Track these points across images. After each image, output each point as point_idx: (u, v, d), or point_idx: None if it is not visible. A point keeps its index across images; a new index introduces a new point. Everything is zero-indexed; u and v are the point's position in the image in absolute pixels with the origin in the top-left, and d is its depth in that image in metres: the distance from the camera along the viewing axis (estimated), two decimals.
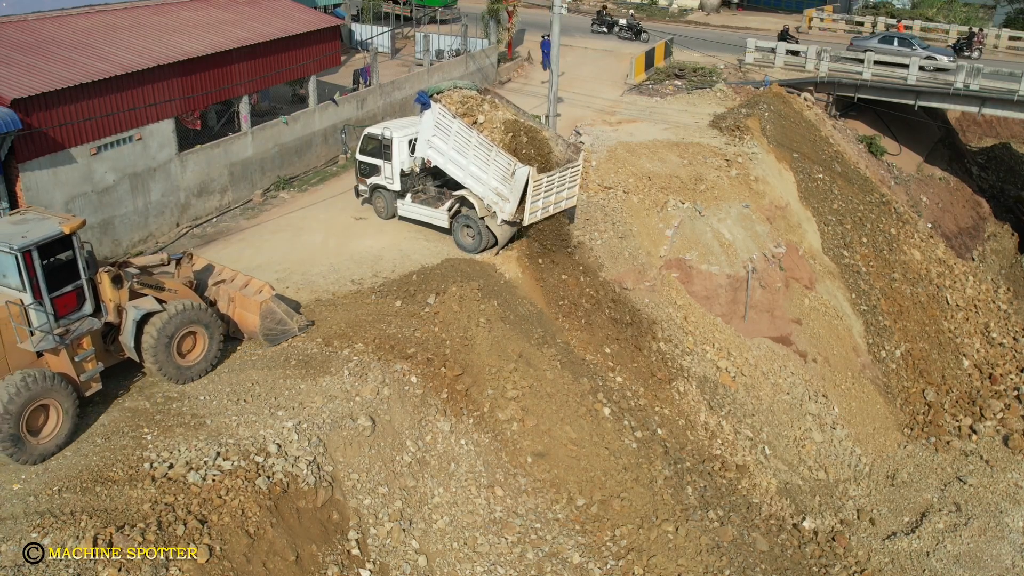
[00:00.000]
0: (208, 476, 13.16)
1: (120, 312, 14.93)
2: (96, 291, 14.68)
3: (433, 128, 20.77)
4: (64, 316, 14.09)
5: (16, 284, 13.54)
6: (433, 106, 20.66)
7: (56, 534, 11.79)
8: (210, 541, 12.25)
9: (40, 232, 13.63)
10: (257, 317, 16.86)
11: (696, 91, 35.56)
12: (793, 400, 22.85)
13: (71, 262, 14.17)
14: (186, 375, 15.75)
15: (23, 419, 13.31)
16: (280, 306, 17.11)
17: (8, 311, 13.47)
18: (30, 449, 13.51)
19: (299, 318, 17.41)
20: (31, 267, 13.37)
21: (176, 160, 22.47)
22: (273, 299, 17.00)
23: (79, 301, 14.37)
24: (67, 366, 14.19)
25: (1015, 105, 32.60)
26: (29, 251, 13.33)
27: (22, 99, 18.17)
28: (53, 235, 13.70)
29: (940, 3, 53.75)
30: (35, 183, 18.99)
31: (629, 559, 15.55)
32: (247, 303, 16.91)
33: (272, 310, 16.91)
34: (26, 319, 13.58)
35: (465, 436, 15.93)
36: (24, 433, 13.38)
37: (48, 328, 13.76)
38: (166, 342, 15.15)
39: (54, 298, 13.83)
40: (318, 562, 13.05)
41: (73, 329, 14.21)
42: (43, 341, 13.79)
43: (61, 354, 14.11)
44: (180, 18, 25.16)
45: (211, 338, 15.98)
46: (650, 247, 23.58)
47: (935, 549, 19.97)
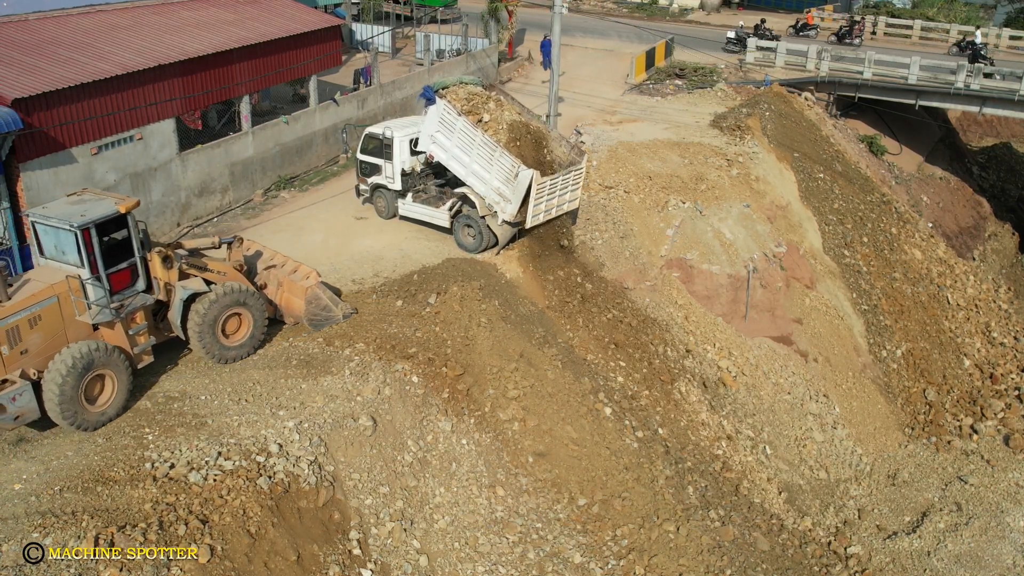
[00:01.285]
0: (209, 476, 13.16)
1: (169, 291, 15.68)
2: (148, 269, 15.41)
3: (437, 124, 20.67)
4: (119, 292, 14.93)
5: (75, 260, 14.37)
6: (438, 102, 20.54)
7: (57, 534, 11.79)
8: (211, 541, 12.25)
9: (98, 211, 14.42)
10: (303, 302, 17.40)
11: (697, 91, 35.54)
12: (794, 400, 22.84)
13: (126, 240, 15.02)
14: (229, 355, 16.38)
15: (81, 387, 14.09)
16: (326, 293, 17.64)
17: (68, 285, 14.19)
18: (87, 416, 14.31)
19: (343, 305, 17.87)
20: (89, 244, 14.18)
21: (177, 160, 22.47)
22: (319, 285, 17.57)
23: (133, 278, 15.20)
24: (121, 339, 15.01)
25: (1016, 105, 32.58)
26: (88, 229, 14.11)
27: (23, 99, 18.17)
28: (110, 214, 14.51)
29: (940, 3, 53.68)
30: (36, 183, 18.99)
31: (630, 559, 15.56)
32: (294, 288, 17.50)
33: (318, 296, 17.46)
34: (84, 293, 14.35)
35: (466, 436, 15.93)
36: (82, 401, 14.15)
37: (104, 302, 14.58)
38: (211, 322, 15.82)
39: (110, 274, 14.65)
40: (319, 562, 13.06)
41: (127, 304, 15.04)
42: (99, 314, 14.59)
43: (116, 327, 14.94)
44: (180, 18, 25.15)
45: (255, 321, 16.62)
46: (651, 247, 23.58)
47: (936, 549, 19.94)
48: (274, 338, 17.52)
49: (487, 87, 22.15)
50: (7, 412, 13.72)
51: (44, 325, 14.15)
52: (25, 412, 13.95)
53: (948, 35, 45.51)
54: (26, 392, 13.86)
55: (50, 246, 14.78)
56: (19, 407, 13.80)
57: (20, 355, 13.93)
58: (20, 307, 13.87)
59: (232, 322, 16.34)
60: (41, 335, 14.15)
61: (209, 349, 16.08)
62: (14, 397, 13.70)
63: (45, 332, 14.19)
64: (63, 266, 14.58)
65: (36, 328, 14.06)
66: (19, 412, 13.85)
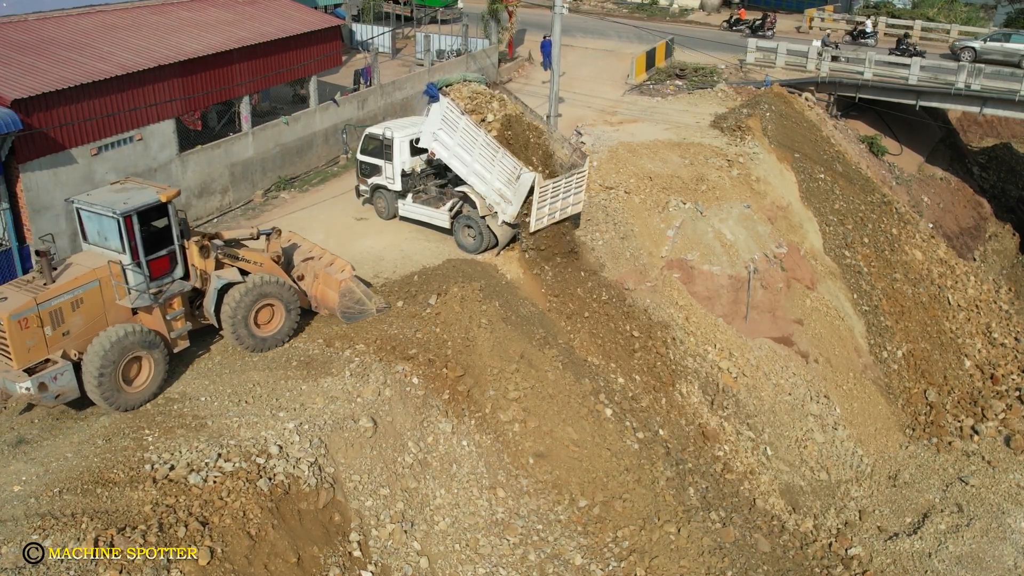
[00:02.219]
0: (209, 477, 13.13)
1: (205, 279, 16.22)
2: (187, 257, 15.96)
3: (440, 122, 20.54)
4: (158, 278, 15.46)
5: (116, 246, 14.92)
6: (441, 100, 20.39)
7: (57, 536, 11.75)
8: (211, 543, 12.23)
9: (140, 199, 14.93)
10: (337, 295, 17.71)
11: (697, 91, 35.51)
12: (795, 401, 22.81)
13: (166, 228, 15.58)
14: (260, 344, 16.78)
15: (119, 369, 14.67)
16: (359, 286, 17.91)
17: (109, 270, 14.78)
18: (124, 397, 14.89)
19: (376, 299, 18.09)
20: (131, 231, 14.71)
21: (177, 160, 22.44)
22: (352, 279, 17.82)
23: (172, 265, 15.74)
24: (159, 323, 15.59)
25: (1016, 105, 32.54)
26: (130, 216, 14.64)
27: (22, 99, 18.14)
28: (151, 203, 15.00)
29: (941, 3, 53.67)
30: (36, 183, 18.96)
31: (631, 560, 15.52)
32: (329, 281, 17.79)
33: (351, 289, 17.71)
34: (124, 278, 14.90)
35: (467, 437, 15.90)
36: (119, 382, 14.72)
37: (143, 287, 15.10)
38: (244, 312, 16.27)
39: (150, 260, 15.18)
40: (320, 564, 13.03)
41: (165, 290, 15.58)
42: (138, 299, 15.14)
43: (154, 312, 15.51)
44: (180, 18, 25.12)
45: (288, 312, 16.99)
46: (651, 247, 23.54)
47: (937, 550, 19.92)
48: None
49: (490, 85, 22.04)
50: (48, 391, 14.23)
51: (86, 308, 14.69)
52: (65, 391, 14.47)
53: (948, 35, 45.49)
54: (67, 372, 14.40)
55: (93, 232, 15.31)
56: (60, 386, 14.36)
57: (62, 336, 14.48)
58: (63, 290, 14.41)
59: (265, 312, 16.78)
60: (82, 317, 14.70)
61: (241, 338, 16.55)
62: (55, 376, 14.26)
63: (86, 315, 14.73)
64: (105, 251, 15.15)
65: (78, 311, 14.60)
66: (59, 391, 14.39)
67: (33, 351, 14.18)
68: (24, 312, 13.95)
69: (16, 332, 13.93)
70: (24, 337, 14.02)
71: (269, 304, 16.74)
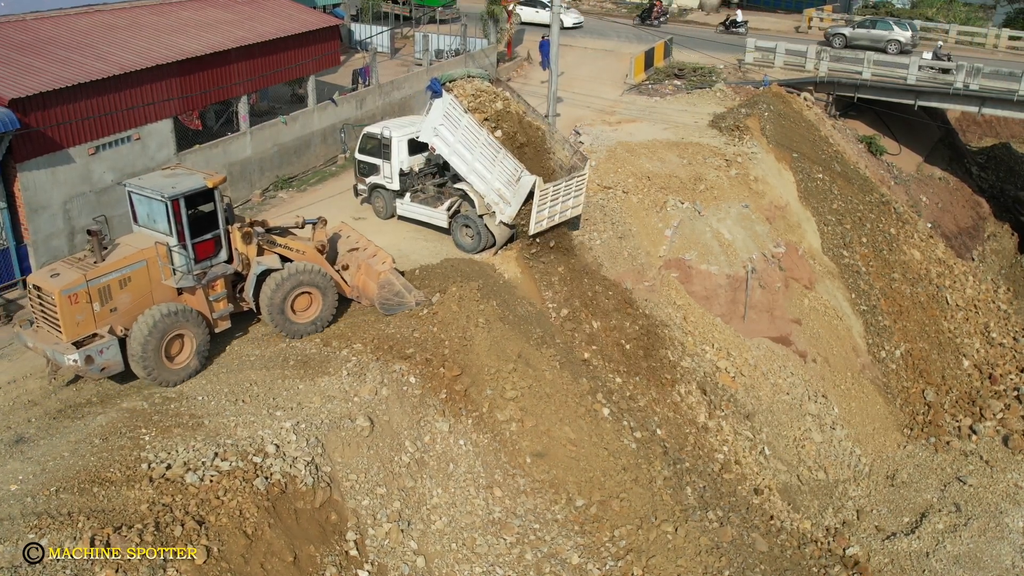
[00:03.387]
0: (206, 477, 13.11)
1: (247, 264, 16.77)
2: (230, 242, 16.55)
3: (441, 118, 20.39)
4: (202, 260, 16.06)
5: (164, 229, 15.57)
6: (444, 96, 20.26)
7: (53, 535, 11.74)
8: (208, 542, 12.21)
9: (188, 184, 15.58)
10: (376, 286, 17.98)
11: (696, 91, 35.51)
12: (793, 400, 22.81)
13: (212, 213, 16.17)
14: (296, 331, 17.22)
15: (162, 345, 15.34)
16: (399, 279, 18.13)
17: (157, 251, 15.41)
18: (165, 372, 15.58)
19: (417, 293, 18.20)
20: (178, 214, 15.34)
21: (175, 160, 22.40)
22: (392, 271, 18.07)
23: (216, 248, 16.34)
24: (202, 304, 16.22)
25: (1015, 105, 32.55)
26: (177, 200, 15.28)
27: (20, 99, 18.17)
28: (198, 188, 15.64)
29: (940, 3, 53.68)
30: (33, 183, 18.97)
31: (628, 560, 15.51)
32: (371, 272, 18.10)
33: (390, 281, 17.94)
34: (170, 259, 15.55)
35: (464, 436, 15.89)
36: (162, 358, 15.39)
37: (188, 269, 15.72)
38: (281, 298, 16.76)
39: (195, 243, 15.80)
40: (316, 563, 13.01)
41: (209, 272, 16.17)
42: (183, 280, 15.77)
43: (197, 293, 16.13)
44: (178, 18, 25.12)
45: (325, 300, 17.39)
46: (649, 247, 23.54)
47: (935, 549, 19.93)
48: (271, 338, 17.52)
49: (493, 82, 21.97)
50: (94, 363, 14.88)
51: (133, 286, 15.33)
52: (110, 364, 15.13)
53: (947, 35, 45.48)
54: (112, 346, 15.05)
55: (143, 214, 15.98)
56: (105, 359, 15.01)
57: (110, 312, 15.14)
58: (112, 268, 15.07)
59: (302, 300, 17.18)
60: (130, 295, 15.35)
61: (278, 323, 17.02)
62: (101, 350, 14.90)
63: (133, 293, 15.38)
64: (153, 233, 15.82)
65: (125, 289, 15.27)
66: (105, 364, 15.05)
67: (82, 325, 14.87)
68: (75, 288, 14.63)
69: (66, 306, 14.57)
70: (74, 311, 14.68)
71: (307, 292, 17.17)
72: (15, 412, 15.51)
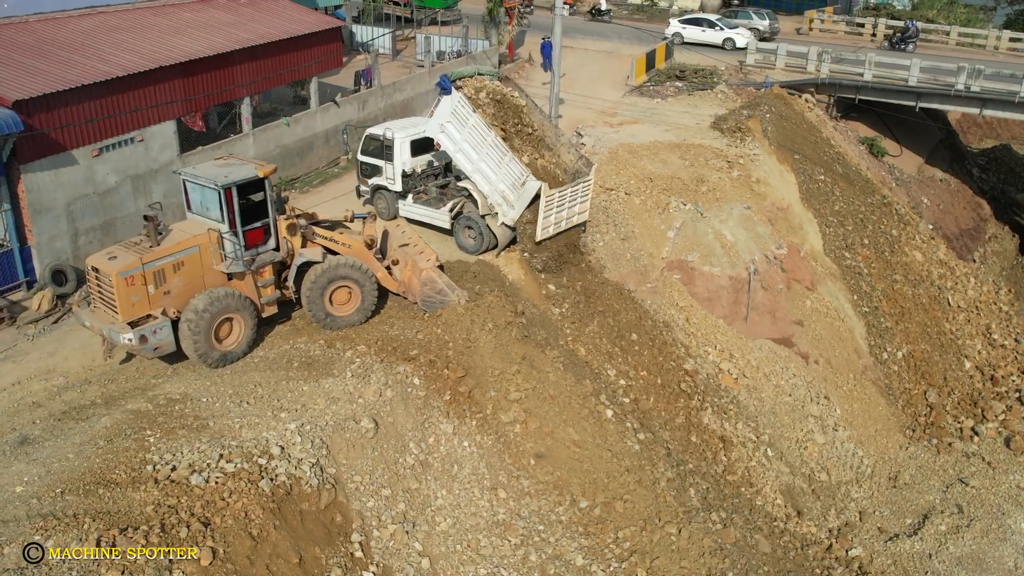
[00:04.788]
0: (211, 478, 13.11)
1: (292, 255, 17.38)
2: (278, 231, 17.17)
3: (449, 115, 20.33)
4: (252, 247, 16.71)
5: (216, 216, 16.24)
6: (453, 93, 20.20)
7: (59, 536, 11.72)
8: (213, 543, 12.20)
9: (240, 174, 16.22)
10: (419, 283, 18.28)
11: (697, 92, 35.53)
12: (795, 402, 22.83)
13: (262, 203, 16.78)
14: (334, 323, 17.64)
15: (212, 327, 16.05)
16: (442, 277, 18.35)
17: (209, 238, 16.09)
18: (215, 353, 16.28)
19: (460, 292, 18.30)
20: (230, 202, 15.99)
21: (178, 162, 22.42)
22: (435, 270, 18.33)
23: (265, 236, 17.00)
24: (250, 289, 16.93)
25: (1016, 106, 32.61)
26: (230, 189, 15.93)
27: (24, 100, 18.21)
28: (250, 177, 16.28)
29: (940, 5, 53.76)
30: (37, 184, 18.99)
31: (632, 561, 15.51)
32: (416, 269, 18.39)
33: (433, 279, 18.17)
34: (221, 246, 16.21)
35: (468, 438, 15.91)
36: (212, 339, 16.09)
37: (238, 255, 16.34)
38: (320, 290, 17.26)
39: (245, 231, 16.45)
40: (321, 564, 13.02)
41: (257, 259, 16.84)
42: (233, 265, 16.43)
43: (246, 278, 16.85)
44: (181, 19, 25.16)
45: (364, 295, 17.71)
46: (652, 248, 23.57)
47: (937, 551, 19.95)
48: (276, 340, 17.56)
49: (503, 80, 21.95)
50: (148, 343, 15.63)
51: (186, 271, 16.04)
52: (162, 344, 15.87)
53: (948, 36, 45.54)
54: (165, 327, 15.79)
55: (197, 202, 16.66)
56: (158, 339, 15.76)
57: (163, 295, 15.85)
58: (166, 253, 15.78)
59: (341, 293, 17.58)
60: (182, 279, 16.04)
61: (316, 314, 17.49)
62: (155, 331, 15.64)
63: (186, 277, 16.07)
64: (206, 220, 16.48)
65: (179, 272, 15.97)
66: (157, 344, 15.79)
67: (137, 306, 15.59)
68: (131, 270, 15.37)
69: (123, 288, 15.30)
70: (130, 293, 15.40)
71: (346, 286, 17.53)
72: (20, 414, 15.55)
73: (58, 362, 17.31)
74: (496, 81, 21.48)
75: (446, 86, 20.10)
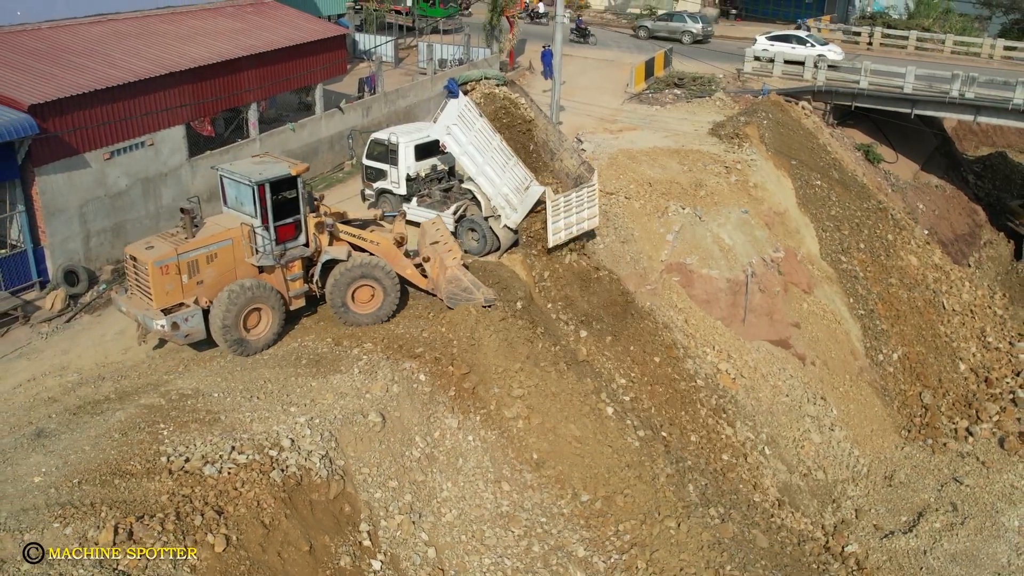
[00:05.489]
0: (223, 469, 13.47)
1: (318, 253, 18.03)
2: (308, 228, 17.79)
3: (456, 118, 20.73)
4: (282, 242, 17.33)
5: (250, 211, 16.93)
6: (460, 97, 20.63)
7: (77, 524, 12.07)
8: (227, 531, 12.56)
9: (273, 171, 16.92)
10: (444, 280, 18.67)
11: (695, 100, 36.01)
12: (792, 402, 23.20)
13: (293, 200, 17.38)
14: (355, 320, 18.13)
15: (242, 317, 16.73)
16: (467, 275, 18.71)
17: (242, 231, 16.82)
18: (243, 342, 16.98)
19: (486, 290, 18.65)
20: (263, 198, 16.66)
21: (187, 165, 22.91)
22: (460, 268, 18.70)
23: (296, 232, 17.63)
24: (280, 282, 17.57)
25: (1009, 113, 33.10)
26: (263, 185, 16.59)
27: (39, 104, 18.65)
28: (283, 175, 16.95)
29: (936, 15, 54.38)
30: (50, 187, 19.42)
31: (632, 553, 15.87)
32: (443, 267, 18.76)
33: (457, 277, 18.54)
34: (253, 239, 16.87)
35: (472, 433, 16.29)
36: (241, 328, 16.78)
37: (269, 249, 17.01)
38: (342, 288, 17.86)
39: (277, 226, 17.10)
40: (331, 552, 13.38)
41: (287, 253, 17.46)
42: (264, 258, 17.11)
43: (276, 272, 17.51)
44: (189, 26, 25.65)
45: (386, 294, 18.22)
46: (651, 251, 23.99)
47: (932, 547, 20.27)
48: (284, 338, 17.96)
49: (508, 84, 22.42)
50: (180, 330, 16.35)
51: (218, 262, 16.75)
52: (194, 332, 16.59)
53: (943, 46, 46.12)
54: (197, 315, 16.50)
55: (232, 197, 17.37)
56: (190, 327, 16.47)
57: (196, 284, 16.54)
58: (200, 244, 16.53)
59: (364, 292, 18.10)
60: (215, 270, 16.74)
61: (337, 311, 18.07)
62: (187, 318, 16.37)
63: (218, 268, 16.77)
64: (240, 215, 17.17)
65: (212, 264, 16.68)
66: (189, 331, 16.50)
67: (171, 294, 16.31)
68: (166, 260, 16.11)
69: (158, 276, 16.02)
70: (164, 281, 16.12)
71: (369, 285, 18.05)
72: (35, 408, 15.93)
73: (72, 359, 17.74)
74: (502, 84, 21.93)
75: (453, 89, 20.55)
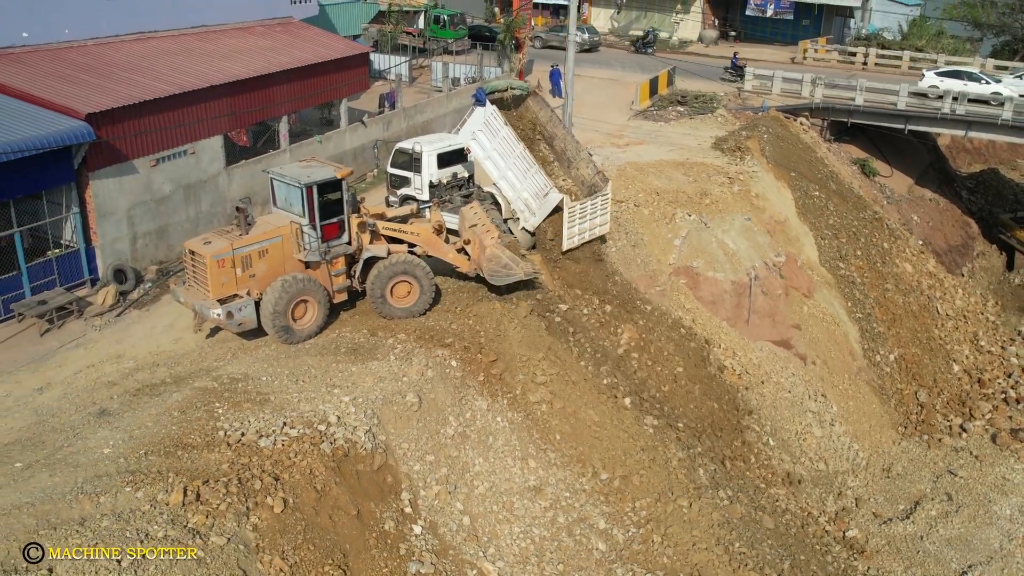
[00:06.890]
0: (277, 441, 14.71)
1: (360, 251, 19.35)
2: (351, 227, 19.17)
3: (481, 124, 22.27)
4: (327, 240, 18.69)
5: (298, 211, 18.40)
6: (488, 106, 22.15)
7: (147, 488, 13.27)
8: (284, 495, 13.79)
9: (320, 174, 18.36)
10: (485, 260, 19.72)
11: (698, 116, 37.49)
12: (794, 398, 24.40)
13: (338, 201, 18.77)
14: (393, 314, 19.39)
15: (290, 307, 18.19)
16: (505, 253, 19.62)
17: (291, 229, 18.26)
18: (290, 331, 18.40)
19: (525, 265, 19.76)
20: (311, 199, 18.10)
21: (224, 173, 24.28)
22: (498, 246, 19.68)
23: (340, 231, 19.02)
24: (324, 277, 18.99)
25: (999, 128, 34.59)
26: (311, 187, 18.04)
27: (94, 113, 20.03)
28: (329, 178, 18.37)
29: (929, 36, 56.13)
30: (102, 190, 20.78)
31: (648, 528, 17.07)
32: (482, 247, 19.82)
33: (496, 255, 19.53)
34: (301, 237, 18.31)
35: (500, 414, 17.54)
36: (289, 318, 18.27)
37: (315, 246, 18.42)
38: (382, 284, 19.18)
39: (323, 225, 18.47)
40: (376, 517, 14.61)
41: (332, 251, 18.78)
42: (310, 255, 18.50)
43: (321, 267, 18.89)
44: (224, 44, 27.16)
45: (423, 288, 19.52)
46: (660, 255, 25.35)
47: (928, 533, 21.40)
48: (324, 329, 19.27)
49: (531, 94, 23.94)
50: (233, 319, 17.81)
51: (269, 257, 18.21)
52: (246, 321, 18.05)
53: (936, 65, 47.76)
54: (248, 306, 17.98)
55: (282, 198, 18.88)
56: (242, 316, 17.94)
57: (249, 278, 17.98)
58: (253, 240, 17.98)
59: (402, 287, 19.43)
60: (266, 264, 18.21)
61: (377, 305, 19.35)
62: (240, 308, 17.84)
63: (269, 263, 18.24)
64: (289, 215, 18.64)
65: (263, 259, 18.14)
66: (242, 320, 17.98)
67: (225, 286, 17.71)
68: (222, 254, 17.56)
69: (215, 269, 17.47)
70: (220, 274, 17.55)
71: (406, 281, 19.32)
72: (97, 391, 17.18)
73: (126, 348, 19.03)
74: (527, 95, 23.47)
75: (481, 98, 22.10)
